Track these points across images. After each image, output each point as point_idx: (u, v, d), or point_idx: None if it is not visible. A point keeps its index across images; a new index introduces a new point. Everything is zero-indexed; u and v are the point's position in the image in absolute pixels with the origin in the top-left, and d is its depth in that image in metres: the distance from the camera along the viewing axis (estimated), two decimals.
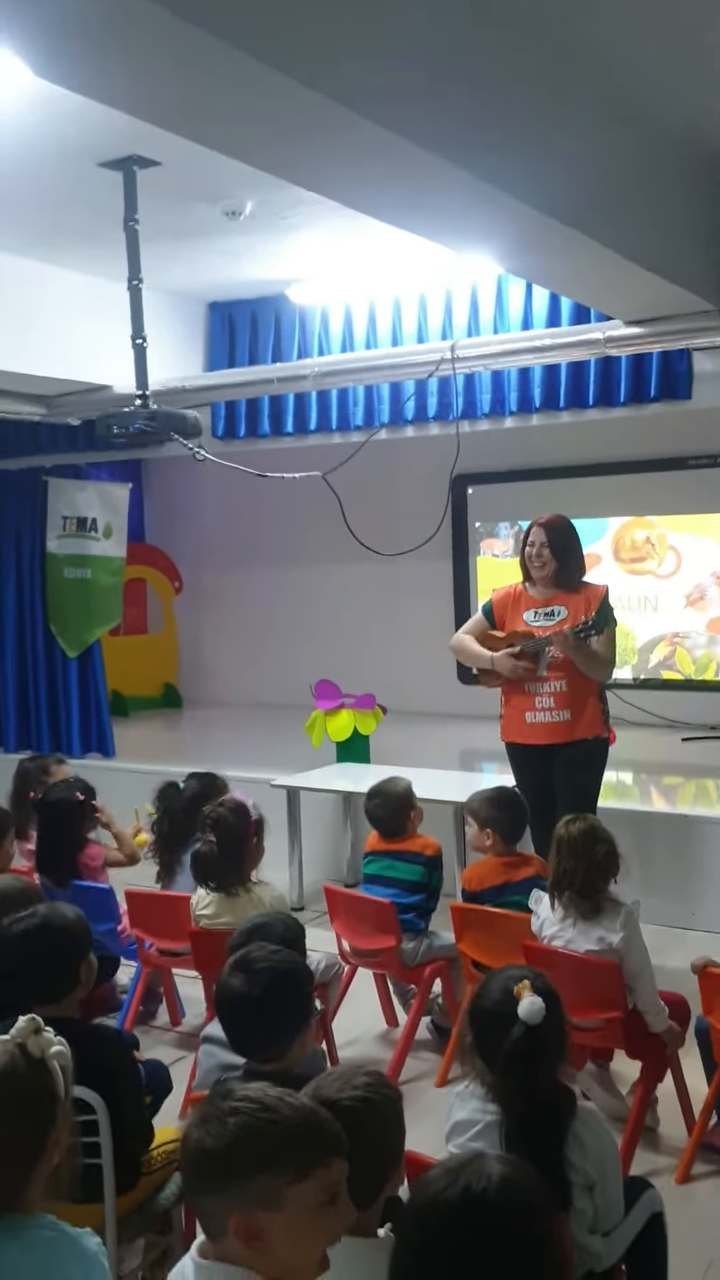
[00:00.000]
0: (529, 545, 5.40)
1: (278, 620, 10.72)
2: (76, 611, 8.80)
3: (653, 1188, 2.92)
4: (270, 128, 3.33)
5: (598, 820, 4.10)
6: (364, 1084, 2.27)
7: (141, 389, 5.67)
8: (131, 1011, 4.99)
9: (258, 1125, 1.90)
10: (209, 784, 5.34)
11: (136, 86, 3.10)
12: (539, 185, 4.08)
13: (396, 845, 4.90)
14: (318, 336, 7.62)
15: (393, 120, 3.36)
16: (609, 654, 5.31)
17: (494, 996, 2.70)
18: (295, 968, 2.88)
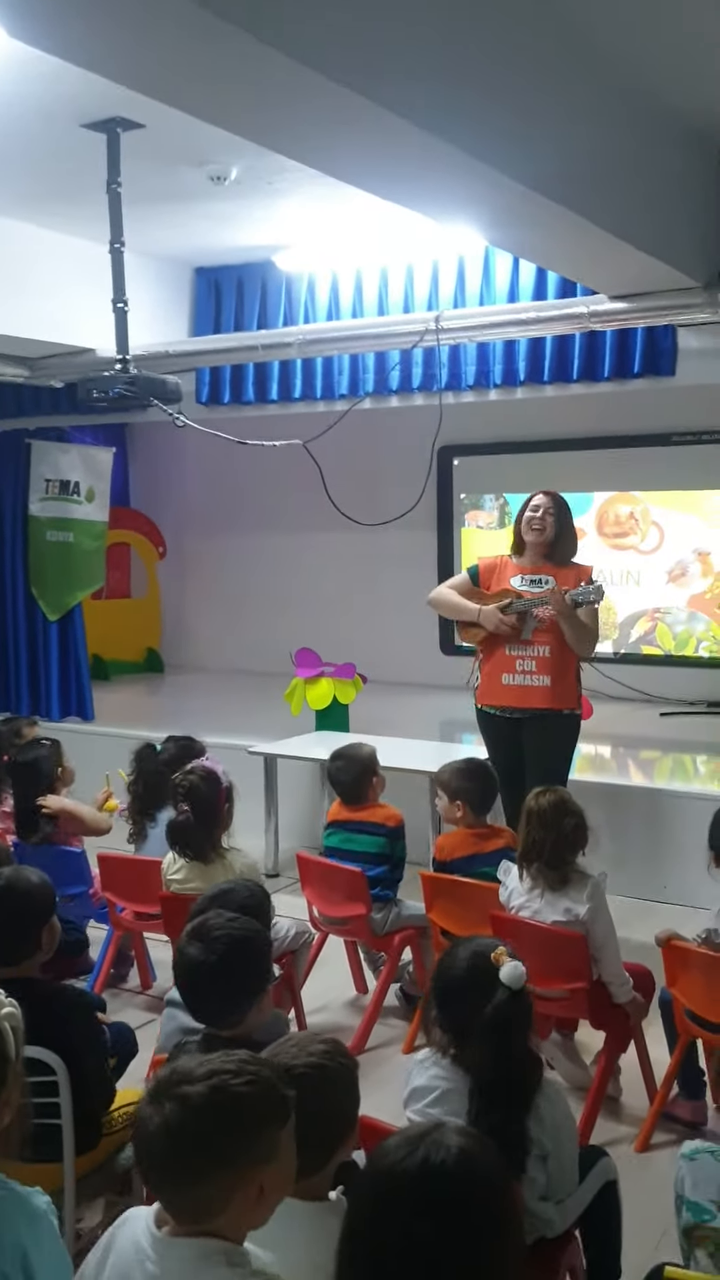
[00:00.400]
0: (531, 510, 5.35)
1: (261, 587, 10.71)
2: (58, 575, 8.78)
3: (607, 1156, 2.96)
4: (248, 94, 3.32)
5: (567, 793, 4.13)
6: (320, 1051, 2.29)
7: (122, 353, 5.65)
8: (102, 974, 5.02)
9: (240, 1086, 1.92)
10: (186, 748, 5.35)
11: (110, 49, 3.08)
12: (522, 159, 4.07)
13: (357, 815, 4.91)
14: (304, 304, 7.59)
15: (373, 90, 3.35)
16: (594, 626, 5.31)
17: (462, 966, 2.73)
18: (252, 935, 2.90)
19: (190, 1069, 1.94)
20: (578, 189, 4.39)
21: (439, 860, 4.70)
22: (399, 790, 5.40)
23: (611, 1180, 2.89)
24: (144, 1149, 1.93)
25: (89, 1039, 3.07)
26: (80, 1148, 2.95)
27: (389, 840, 4.86)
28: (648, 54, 4.47)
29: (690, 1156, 2.43)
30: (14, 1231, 2.09)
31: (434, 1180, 1.59)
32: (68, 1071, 2.87)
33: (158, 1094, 1.92)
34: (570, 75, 4.37)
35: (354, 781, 4.96)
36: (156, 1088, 1.94)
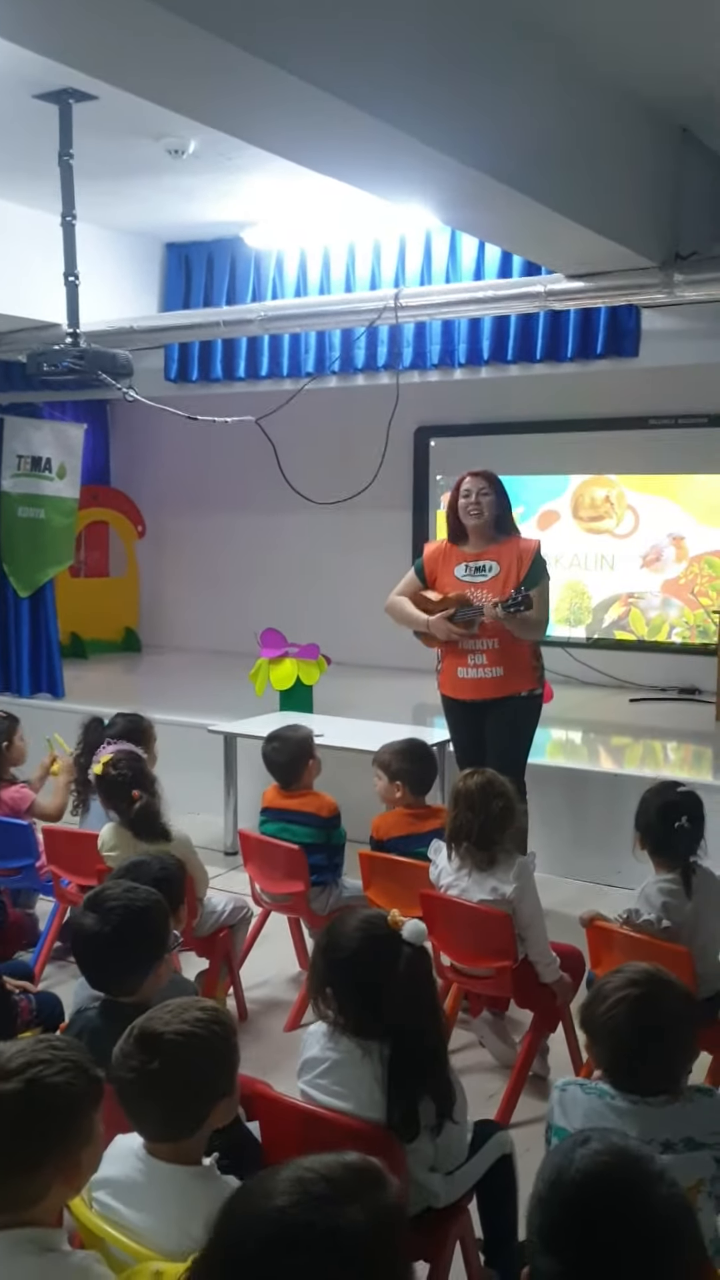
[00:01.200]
0: (463, 495, 5.33)
1: (238, 567, 10.71)
2: (29, 551, 8.77)
3: (504, 1130, 2.98)
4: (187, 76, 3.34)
5: (495, 774, 4.12)
6: (194, 1018, 2.29)
7: (73, 327, 5.63)
8: (46, 946, 5.04)
9: (54, 1076, 1.93)
10: (135, 724, 5.37)
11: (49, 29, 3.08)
12: (470, 140, 4.06)
13: (292, 803, 4.89)
14: (272, 281, 7.57)
15: (314, 74, 3.36)
16: (540, 614, 5.24)
17: (355, 937, 2.75)
18: (149, 905, 2.93)
19: (2, 1064, 1.92)
20: (526, 170, 4.37)
21: (376, 839, 4.71)
22: (361, 773, 5.35)
23: (507, 1154, 2.91)
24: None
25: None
26: None
27: (323, 830, 4.84)
28: (602, 33, 4.44)
29: (561, 1088, 2.51)
30: None
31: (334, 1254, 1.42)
32: None
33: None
34: (522, 55, 4.35)
35: (288, 763, 4.94)
36: None
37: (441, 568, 5.41)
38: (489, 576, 5.26)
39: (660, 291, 5.60)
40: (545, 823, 5.83)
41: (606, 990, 2.47)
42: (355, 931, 2.74)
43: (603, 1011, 2.44)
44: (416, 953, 2.69)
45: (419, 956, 2.70)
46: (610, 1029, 2.42)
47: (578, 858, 6.16)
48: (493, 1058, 4.24)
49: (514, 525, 5.47)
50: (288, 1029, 4.54)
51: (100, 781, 4.56)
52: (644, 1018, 2.40)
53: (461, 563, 5.35)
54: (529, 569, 5.23)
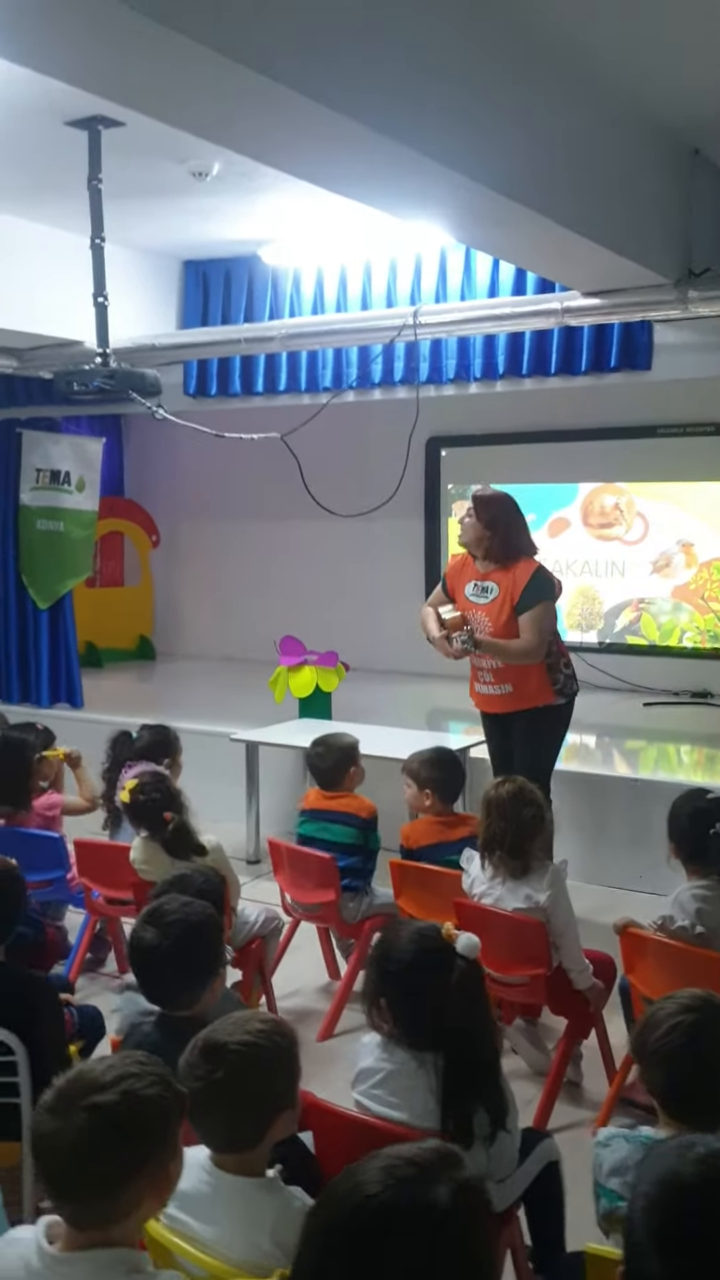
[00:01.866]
0: (466, 515, 5.47)
1: (251, 576, 10.78)
2: (48, 564, 8.86)
3: (550, 1138, 3.06)
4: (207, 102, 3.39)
5: (526, 782, 4.21)
6: (255, 1030, 2.36)
7: (102, 347, 5.71)
8: (78, 958, 5.12)
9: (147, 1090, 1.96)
10: (162, 735, 5.45)
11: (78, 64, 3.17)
12: (483, 160, 4.12)
13: (332, 804, 4.99)
14: (289, 298, 7.66)
15: (330, 96, 3.41)
16: (530, 638, 5.27)
17: (409, 949, 2.83)
18: (205, 919, 3.00)
19: (95, 1076, 1.95)
20: (541, 189, 4.44)
21: (406, 848, 4.79)
22: (381, 778, 5.48)
23: (554, 1161, 2.99)
24: (54, 1161, 1.89)
25: (50, 1022, 3.16)
26: None
27: (361, 831, 4.93)
28: (615, 51, 4.51)
29: (604, 1143, 2.46)
30: None
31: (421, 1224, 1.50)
32: (26, 1052, 2.96)
33: (63, 1105, 1.91)
34: (535, 76, 4.42)
35: (331, 768, 5.05)
36: (59, 1099, 1.92)
37: (457, 583, 5.57)
38: (489, 599, 5.39)
39: (675, 308, 5.68)
40: (566, 828, 5.91)
41: (660, 1016, 2.44)
42: (409, 943, 2.82)
43: (657, 1038, 2.40)
44: (470, 966, 2.76)
45: (472, 969, 2.77)
46: (664, 1055, 2.39)
47: (600, 863, 6.23)
48: (526, 1065, 4.32)
49: (521, 547, 5.46)
50: (320, 1039, 4.61)
51: (129, 808, 4.63)
52: (700, 1044, 2.37)
53: (471, 581, 5.48)
54: (521, 594, 5.31)
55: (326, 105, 3.38)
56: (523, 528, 5.52)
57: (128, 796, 4.60)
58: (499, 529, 5.40)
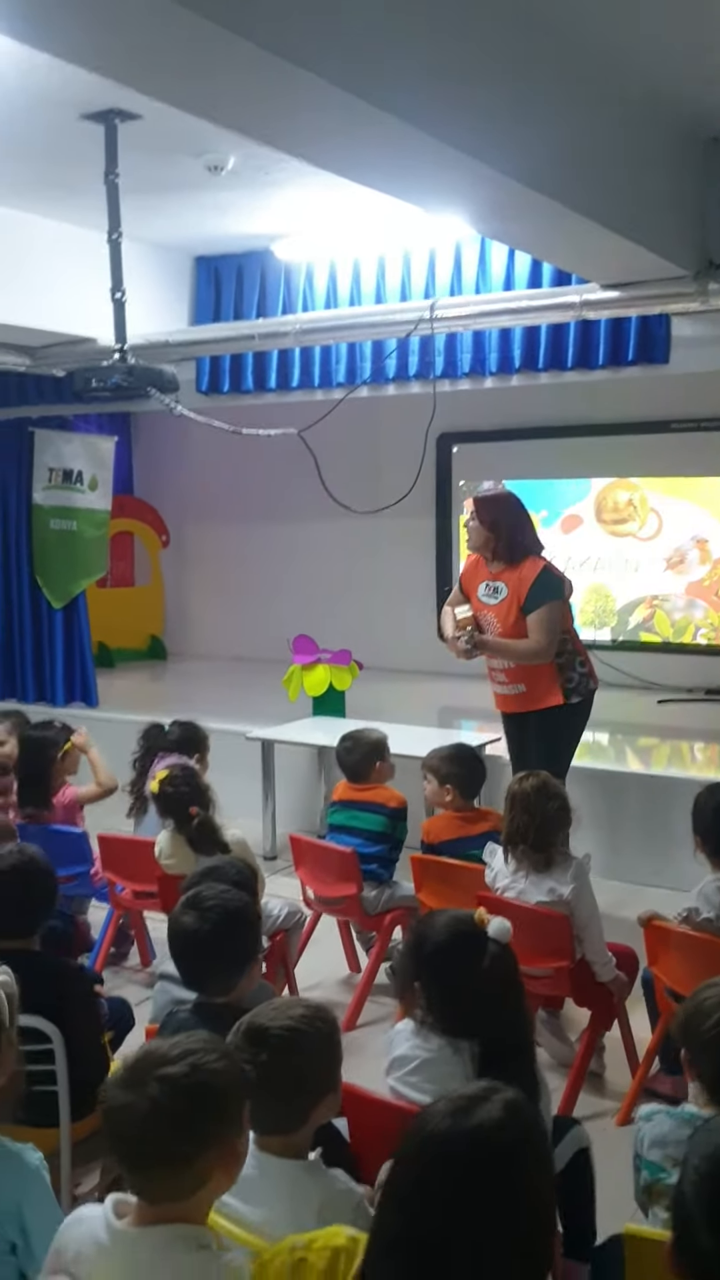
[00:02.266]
0: (471, 518, 5.50)
1: (262, 575, 10.79)
2: (62, 563, 8.87)
3: (579, 1125, 3.06)
4: (234, 90, 3.39)
5: (549, 776, 4.22)
6: (298, 1015, 2.37)
7: (120, 343, 5.72)
8: (102, 952, 5.12)
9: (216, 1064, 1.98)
10: (192, 731, 5.47)
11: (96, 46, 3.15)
12: (507, 151, 4.12)
13: (361, 795, 5.02)
14: (302, 293, 7.65)
15: (358, 86, 3.41)
16: (537, 638, 5.28)
17: (444, 934, 2.83)
18: (244, 906, 3.02)
19: (163, 1052, 1.98)
20: (564, 180, 4.44)
21: (427, 843, 4.80)
22: (396, 775, 5.48)
23: (584, 1148, 2.99)
24: (126, 1133, 1.92)
25: (85, 1010, 3.17)
26: (76, 1114, 3.05)
27: (390, 820, 4.97)
28: (634, 43, 4.51)
29: (647, 1117, 2.51)
30: (8, 1187, 2.18)
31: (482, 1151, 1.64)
32: (64, 1041, 2.97)
33: (135, 1078, 1.93)
34: (555, 66, 4.42)
35: (358, 762, 5.10)
36: (131, 1073, 1.95)
37: (471, 584, 5.59)
38: (499, 600, 5.41)
39: (695, 300, 5.68)
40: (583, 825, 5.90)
41: (708, 1005, 2.43)
42: (444, 929, 2.82)
43: (707, 1026, 2.40)
44: (503, 950, 2.77)
45: (504, 954, 2.78)
46: (712, 1041, 2.40)
47: (616, 859, 6.22)
48: (549, 1056, 4.32)
49: (528, 546, 5.45)
50: (344, 1030, 4.60)
51: (157, 799, 4.65)
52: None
53: (483, 581, 5.50)
54: (527, 594, 5.32)
55: (355, 94, 3.38)
56: (527, 525, 5.51)
57: (157, 787, 4.62)
58: (501, 530, 5.39)
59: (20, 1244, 2.12)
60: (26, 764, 5.22)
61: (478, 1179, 1.62)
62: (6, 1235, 2.11)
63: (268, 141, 3.98)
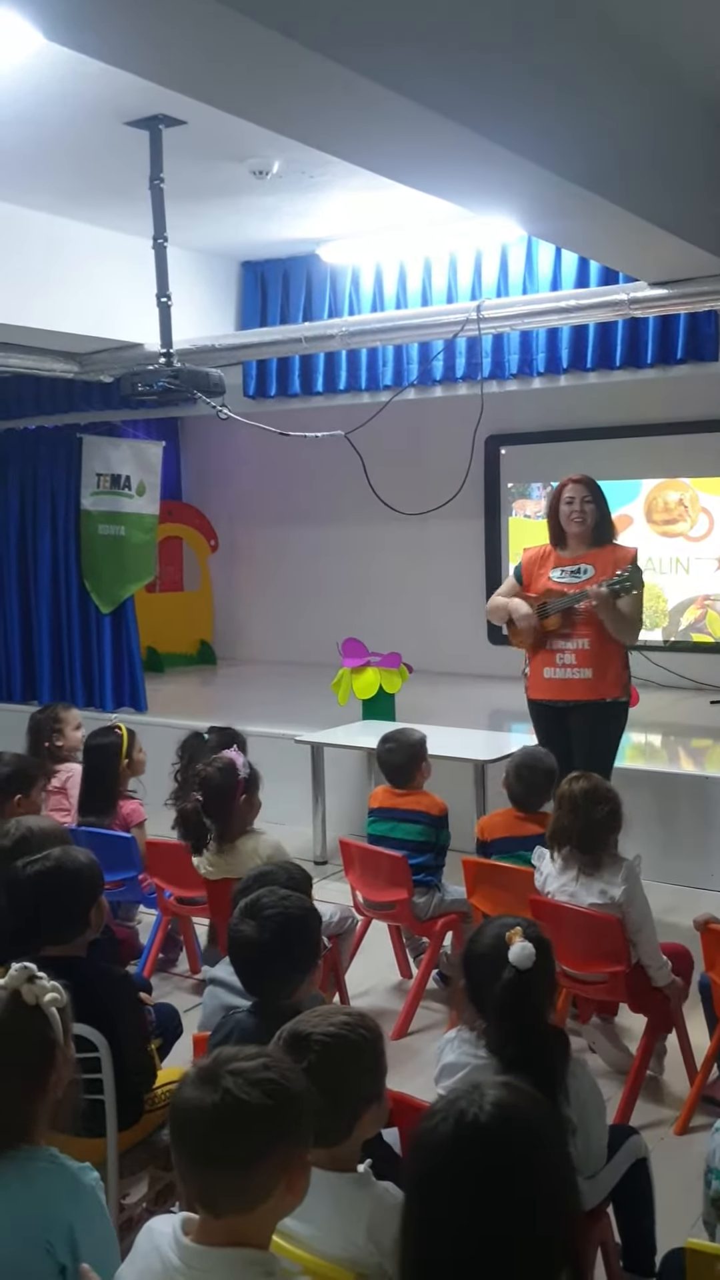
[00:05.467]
0: (565, 502, 5.39)
1: (311, 578, 10.79)
2: (110, 568, 8.91)
3: (637, 1134, 3.00)
4: (282, 92, 3.36)
5: (601, 779, 4.16)
6: (341, 1021, 2.33)
7: (166, 347, 5.72)
8: (151, 958, 5.12)
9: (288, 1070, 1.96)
10: (229, 738, 5.44)
11: (143, 51, 3.14)
12: (557, 149, 4.08)
13: (401, 802, 4.97)
14: (348, 296, 7.63)
15: (406, 86, 3.38)
16: (637, 616, 5.32)
17: (487, 942, 2.77)
18: (304, 912, 2.98)
19: (235, 1053, 1.96)
20: (613, 177, 4.39)
21: (480, 840, 4.74)
22: (445, 778, 5.46)
23: (642, 1158, 2.94)
24: (197, 1132, 1.88)
25: (131, 1017, 3.14)
26: (123, 1123, 3.02)
27: (432, 828, 4.92)
28: (681, 40, 4.46)
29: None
30: (62, 1206, 2.14)
31: (469, 1137, 1.63)
32: (110, 1049, 2.95)
33: (209, 1076, 1.90)
34: (603, 64, 4.37)
35: (403, 764, 5.04)
36: (205, 1071, 1.92)
37: (539, 571, 5.49)
38: (584, 578, 5.31)
39: None
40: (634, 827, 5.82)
41: None
42: (490, 936, 2.76)
43: None
44: (514, 979, 2.63)
45: (516, 984, 2.63)
46: None
47: (669, 862, 6.14)
48: (604, 1063, 4.26)
49: (613, 531, 5.52)
50: (394, 1037, 4.57)
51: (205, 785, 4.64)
52: None
53: (559, 566, 5.41)
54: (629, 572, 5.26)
55: (404, 95, 3.34)
56: (609, 510, 5.53)
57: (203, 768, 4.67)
58: (603, 511, 5.41)
59: (69, 1266, 2.09)
60: (91, 774, 5.23)
61: (469, 1176, 1.60)
62: (57, 1257, 2.08)
63: (318, 145, 3.97)
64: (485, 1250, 1.57)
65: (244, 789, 4.62)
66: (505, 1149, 1.63)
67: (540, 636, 5.37)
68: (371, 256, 7.47)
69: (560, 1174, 1.70)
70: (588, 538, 5.38)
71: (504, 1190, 1.60)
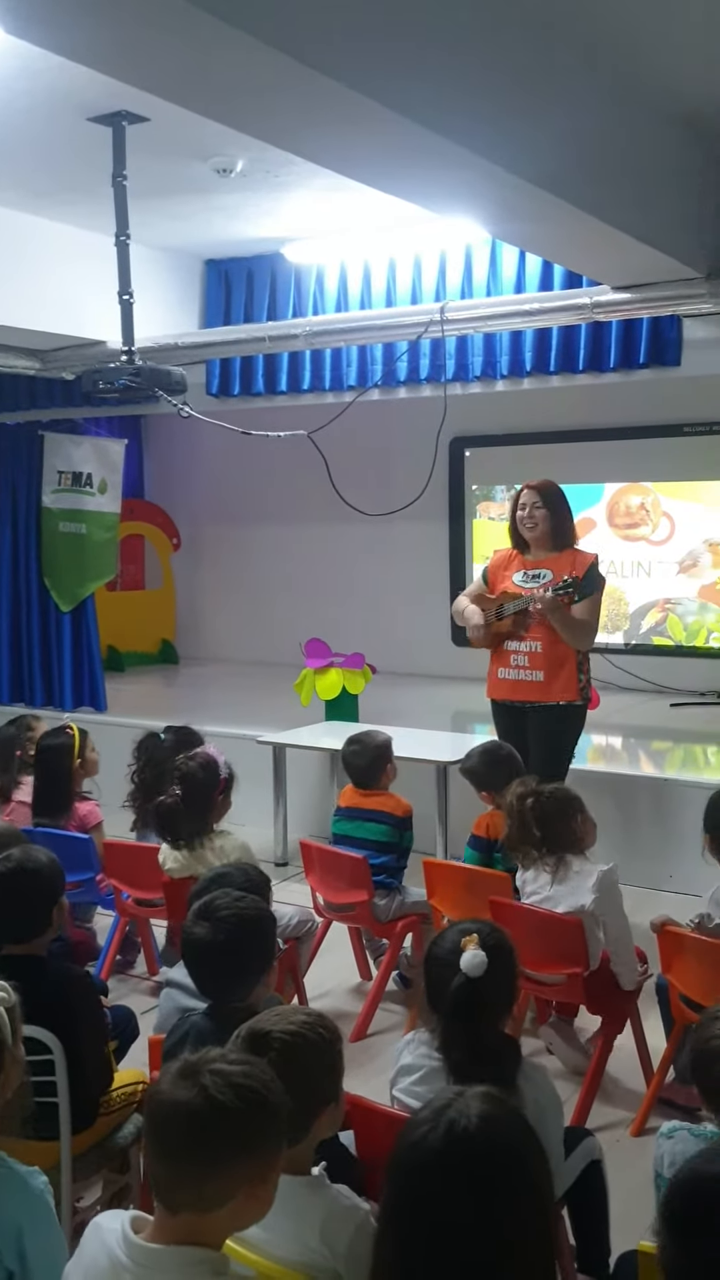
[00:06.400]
0: (520, 508, 5.46)
1: (274, 579, 10.76)
2: (70, 566, 8.85)
3: (592, 1136, 3.01)
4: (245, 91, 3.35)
5: (561, 784, 4.17)
6: (301, 1021, 2.32)
7: (128, 345, 5.69)
8: (108, 960, 5.09)
9: (267, 1077, 1.94)
10: (185, 737, 5.43)
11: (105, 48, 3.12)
12: (521, 152, 4.09)
13: (366, 803, 4.97)
14: (313, 296, 7.62)
15: (370, 87, 3.37)
16: (590, 622, 5.36)
17: (446, 947, 2.77)
18: (259, 914, 2.97)
19: (221, 1054, 1.95)
20: (576, 181, 4.40)
21: (484, 838, 4.73)
22: (408, 780, 5.45)
23: (596, 1160, 2.94)
24: (170, 1127, 1.86)
25: (88, 1019, 3.12)
26: (77, 1126, 3.00)
27: (396, 829, 4.92)
28: (647, 45, 4.46)
29: (668, 1135, 2.44)
30: (10, 1211, 2.13)
31: (460, 1146, 1.64)
32: (66, 1051, 2.92)
33: (188, 1071, 1.89)
34: (567, 67, 4.38)
35: (367, 766, 5.05)
36: (187, 1067, 1.91)
37: (503, 573, 5.56)
38: (543, 583, 5.34)
39: (707, 301, 5.63)
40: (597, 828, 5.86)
41: (715, 1046, 2.33)
42: (450, 940, 2.75)
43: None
44: (464, 985, 2.61)
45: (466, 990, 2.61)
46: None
47: (628, 863, 6.09)
48: (562, 1064, 4.27)
49: (573, 536, 5.55)
50: (353, 1039, 4.56)
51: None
52: None
53: (521, 569, 5.46)
54: (583, 578, 5.31)
55: (368, 96, 3.34)
56: (570, 517, 5.55)
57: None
58: (559, 516, 5.44)
59: (17, 1271, 2.07)
60: (43, 775, 5.19)
61: (460, 1184, 1.60)
62: (4, 1262, 2.06)
63: (282, 145, 3.95)
64: (472, 1256, 1.58)
65: (224, 787, 4.61)
66: (495, 1157, 1.64)
67: (496, 637, 5.42)
68: (336, 256, 7.46)
69: (543, 1182, 1.72)
70: (545, 542, 5.42)
71: (493, 1198, 1.61)
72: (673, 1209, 1.63)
